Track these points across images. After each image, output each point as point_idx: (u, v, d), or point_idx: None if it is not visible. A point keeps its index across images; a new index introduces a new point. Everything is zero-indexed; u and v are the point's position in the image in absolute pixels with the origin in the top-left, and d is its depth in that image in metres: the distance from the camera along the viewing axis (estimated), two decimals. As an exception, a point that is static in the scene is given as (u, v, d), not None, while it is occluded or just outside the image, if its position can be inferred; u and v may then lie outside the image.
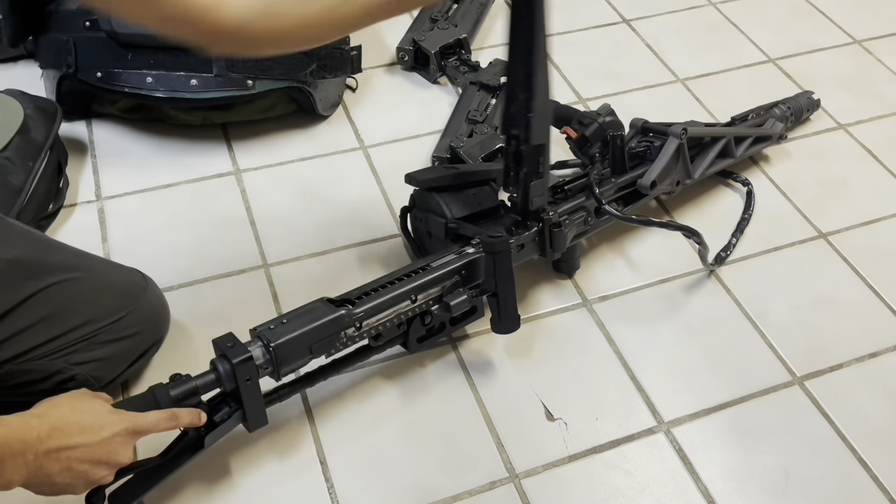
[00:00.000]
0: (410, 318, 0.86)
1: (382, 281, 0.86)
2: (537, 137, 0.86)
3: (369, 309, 0.82)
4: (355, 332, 0.82)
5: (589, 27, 1.48)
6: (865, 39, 1.48)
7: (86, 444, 0.64)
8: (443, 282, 0.88)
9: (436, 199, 0.96)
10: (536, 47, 0.82)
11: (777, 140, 1.20)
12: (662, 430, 0.90)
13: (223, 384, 0.75)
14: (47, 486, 0.64)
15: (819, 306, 1.03)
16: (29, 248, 0.79)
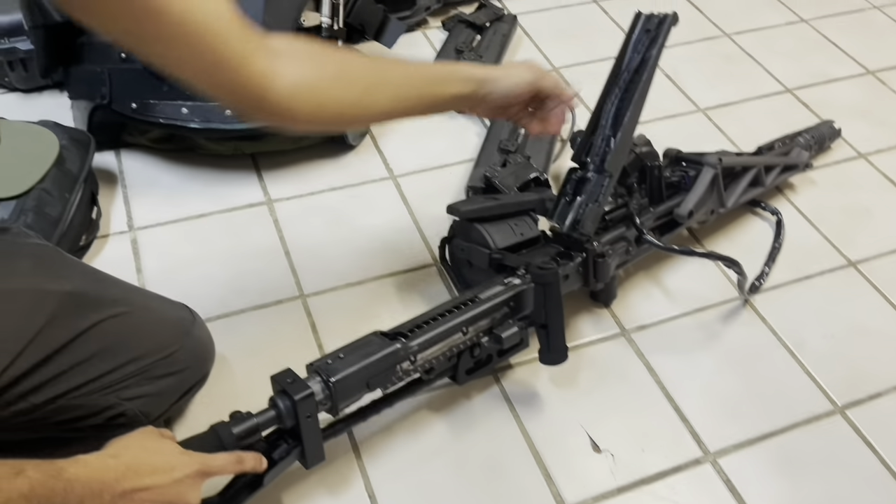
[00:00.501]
0: (461, 350, 0.86)
1: (432, 314, 0.86)
2: (612, 167, 0.88)
3: (423, 342, 0.82)
4: (410, 366, 0.82)
5: (608, 58, 1.48)
6: (878, 70, 1.50)
7: (158, 486, 0.64)
8: (492, 314, 0.88)
9: (478, 229, 0.96)
10: (640, 94, 0.90)
11: (803, 168, 1.22)
12: (709, 461, 0.89)
13: (283, 421, 0.74)
14: None
15: (854, 335, 1.03)
16: (85, 282, 0.78)
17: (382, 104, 0.80)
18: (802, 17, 1.64)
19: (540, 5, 1.60)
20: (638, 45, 0.94)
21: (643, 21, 0.94)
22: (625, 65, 0.94)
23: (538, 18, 1.56)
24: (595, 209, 0.93)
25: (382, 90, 0.80)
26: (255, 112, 0.71)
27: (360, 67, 0.79)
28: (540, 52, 1.49)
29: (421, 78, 0.85)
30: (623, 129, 0.92)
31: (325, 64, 0.76)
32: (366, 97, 0.78)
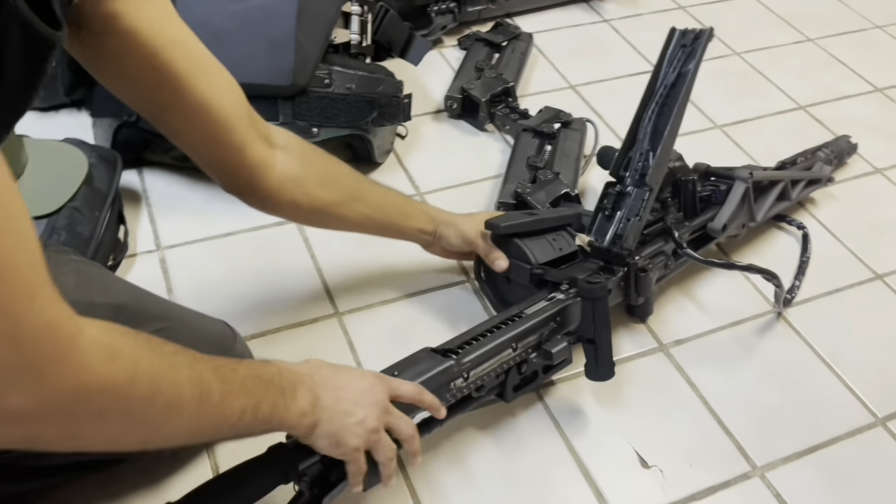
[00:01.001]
0: (509, 367, 0.85)
1: (479, 330, 0.85)
2: (652, 181, 0.88)
3: (475, 358, 0.81)
4: (463, 384, 0.81)
5: (623, 75, 1.51)
6: (886, 87, 1.53)
7: (346, 379, 0.68)
8: (540, 329, 0.87)
9: (518, 245, 0.96)
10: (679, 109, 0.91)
11: (825, 183, 1.23)
12: (758, 475, 0.89)
13: None
14: (327, 421, 0.65)
15: (887, 347, 1.04)
16: (131, 296, 0.77)
17: (354, 216, 0.89)
18: (808, 37, 1.67)
19: (552, 24, 1.62)
20: (673, 60, 0.95)
21: (678, 37, 0.95)
22: (661, 80, 0.95)
23: (551, 37, 1.58)
24: (637, 224, 0.93)
25: (358, 204, 0.89)
26: (243, 191, 0.79)
27: (344, 178, 0.89)
28: (556, 70, 1.50)
29: (393, 206, 0.94)
30: (663, 144, 0.92)
31: (316, 165, 0.85)
32: (342, 206, 0.87)
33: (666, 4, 1.73)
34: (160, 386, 0.50)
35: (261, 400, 0.59)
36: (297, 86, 1.07)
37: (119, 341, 0.49)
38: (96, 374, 0.46)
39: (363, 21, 1.14)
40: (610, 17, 1.67)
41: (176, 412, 0.51)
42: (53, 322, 0.44)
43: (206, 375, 0.54)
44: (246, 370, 0.59)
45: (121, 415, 0.48)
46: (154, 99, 0.71)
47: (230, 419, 0.56)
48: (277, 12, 1.04)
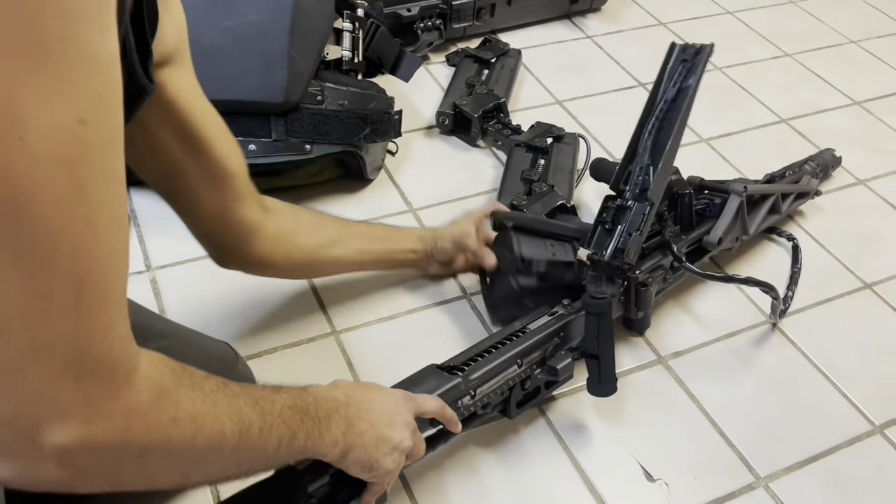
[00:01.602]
0: (514, 384, 0.85)
1: (484, 346, 0.85)
2: (654, 196, 0.88)
3: (482, 375, 0.81)
4: (470, 401, 0.80)
5: (608, 91, 1.53)
6: (864, 101, 1.57)
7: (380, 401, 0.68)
8: (545, 345, 0.87)
9: (509, 235, 0.96)
10: (680, 123, 0.91)
11: (813, 196, 1.25)
12: (762, 486, 0.89)
13: None
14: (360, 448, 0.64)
15: (881, 355, 1.05)
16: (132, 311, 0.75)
17: (349, 254, 0.94)
18: (786, 52, 1.70)
19: (536, 41, 1.63)
20: (674, 75, 0.94)
21: (678, 52, 0.95)
22: (661, 95, 0.94)
23: (536, 53, 1.59)
24: (638, 238, 0.92)
25: (350, 242, 0.94)
26: (242, 257, 0.83)
27: (330, 222, 0.94)
28: (542, 86, 1.51)
29: (382, 235, 1.00)
30: (665, 159, 0.92)
31: (301, 221, 0.89)
32: (335, 247, 0.92)
33: (647, 21, 1.76)
34: (202, 425, 0.49)
35: (297, 431, 0.58)
36: (290, 102, 1.06)
37: (167, 380, 0.47)
38: (143, 414, 0.44)
39: (354, 37, 1.14)
40: (592, 33, 1.69)
41: (216, 449, 0.51)
42: (119, 358, 0.43)
43: (245, 410, 0.53)
44: (284, 401, 0.58)
45: (162, 454, 0.47)
46: (178, 168, 0.72)
47: (267, 451, 0.55)
48: (270, 29, 1.04)
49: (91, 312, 0.41)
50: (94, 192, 0.40)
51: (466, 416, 0.81)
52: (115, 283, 0.43)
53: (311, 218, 0.92)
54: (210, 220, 0.77)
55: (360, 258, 0.96)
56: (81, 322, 0.40)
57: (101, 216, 0.40)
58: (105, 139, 0.41)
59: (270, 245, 0.83)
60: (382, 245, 0.98)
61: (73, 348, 0.40)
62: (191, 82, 0.69)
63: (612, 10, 1.76)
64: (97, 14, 0.39)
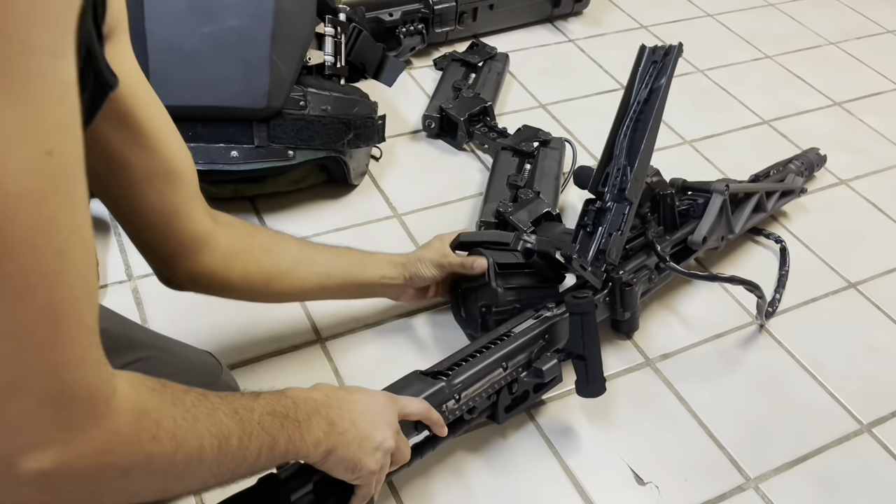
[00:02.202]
0: (500, 388, 0.84)
1: (468, 350, 0.84)
2: (632, 195, 0.88)
3: (466, 379, 0.80)
4: (455, 406, 0.79)
5: (592, 94, 1.53)
6: (844, 101, 1.58)
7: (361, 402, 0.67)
8: (530, 347, 0.86)
9: (478, 250, 0.96)
10: (654, 123, 0.90)
11: (798, 194, 1.25)
12: (752, 487, 0.89)
13: None
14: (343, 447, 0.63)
15: (866, 354, 1.06)
16: (114, 323, 0.74)
17: (311, 277, 0.86)
18: (767, 54, 1.71)
19: (519, 45, 1.63)
20: (645, 76, 0.95)
21: (648, 54, 0.95)
22: (634, 96, 0.94)
23: (519, 57, 1.58)
24: (620, 238, 0.92)
25: (311, 265, 0.86)
26: (183, 260, 0.74)
27: (290, 243, 0.86)
28: (525, 90, 1.51)
29: (348, 259, 0.91)
30: (640, 158, 0.92)
31: (260, 237, 0.83)
32: (296, 269, 0.84)
33: (628, 24, 1.76)
34: (182, 441, 0.48)
35: (277, 437, 0.57)
36: (272, 108, 1.05)
37: (146, 399, 0.47)
38: (124, 437, 0.44)
39: (337, 42, 1.13)
40: (575, 36, 1.69)
41: (195, 464, 0.50)
42: (95, 385, 0.42)
43: (225, 422, 0.53)
44: (263, 408, 0.57)
45: (142, 472, 0.46)
46: (120, 164, 0.65)
47: (248, 460, 0.55)
48: (251, 34, 1.02)
49: (67, 343, 0.40)
50: (65, 222, 0.39)
51: (452, 420, 0.80)
52: (88, 310, 0.42)
53: (270, 236, 0.85)
54: (154, 226, 0.70)
55: (325, 283, 0.87)
56: (58, 354, 0.40)
57: (72, 246, 0.40)
58: (71, 167, 0.40)
59: (222, 261, 0.76)
60: (350, 270, 0.89)
61: (51, 380, 0.40)
62: (131, 63, 0.62)
63: (594, 14, 1.76)
64: (61, 45, 0.39)
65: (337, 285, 0.88)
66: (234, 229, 0.78)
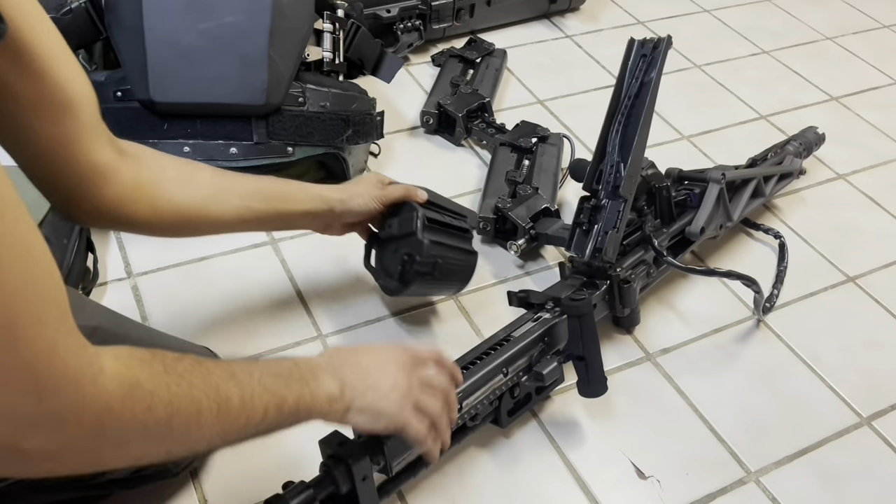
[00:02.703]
0: (502, 393, 0.84)
1: (469, 358, 0.84)
2: (626, 192, 0.88)
3: (467, 388, 0.80)
4: (456, 415, 0.79)
5: (589, 89, 1.53)
6: (841, 96, 1.58)
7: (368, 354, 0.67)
8: (530, 351, 0.86)
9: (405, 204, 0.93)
10: (645, 118, 0.90)
11: (797, 176, 1.26)
12: (753, 480, 0.89)
13: (339, 486, 0.70)
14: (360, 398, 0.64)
15: (865, 347, 1.06)
16: (109, 320, 0.73)
17: (229, 211, 0.80)
18: (763, 49, 1.71)
19: (516, 41, 1.63)
20: (635, 70, 0.94)
21: (637, 47, 0.95)
22: (624, 91, 0.94)
23: (516, 54, 1.58)
24: (615, 236, 0.92)
25: (229, 197, 0.80)
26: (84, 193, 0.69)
27: (205, 174, 0.80)
28: (523, 86, 1.51)
29: (272, 192, 0.85)
30: (633, 154, 0.92)
31: (168, 169, 0.77)
32: (211, 203, 0.79)
33: (625, 20, 1.76)
34: (177, 408, 0.50)
35: (284, 396, 0.58)
36: (271, 104, 1.04)
37: (136, 372, 0.48)
38: (115, 412, 0.45)
39: (335, 38, 1.13)
40: (572, 32, 1.69)
41: (195, 427, 0.52)
42: (76, 370, 0.44)
43: (222, 385, 0.54)
44: (262, 370, 0.58)
45: (140, 440, 0.48)
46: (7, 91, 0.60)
47: (253, 420, 0.56)
48: (249, 30, 1.02)
49: (29, 341, 0.41)
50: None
51: (455, 429, 0.80)
52: (45, 305, 0.43)
53: (182, 167, 0.79)
54: (48, 157, 0.65)
55: (245, 216, 0.82)
56: (22, 352, 0.41)
57: (4, 250, 0.40)
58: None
59: (128, 194, 0.71)
60: (272, 202, 0.84)
61: (23, 376, 0.41)
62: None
63: (591, 10, 1.76)
64: None
65: (258, 218, 0.83)
66: (142, 161, 0.74)
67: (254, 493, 0.82)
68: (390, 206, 0.93)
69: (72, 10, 1.03)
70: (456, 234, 0.95)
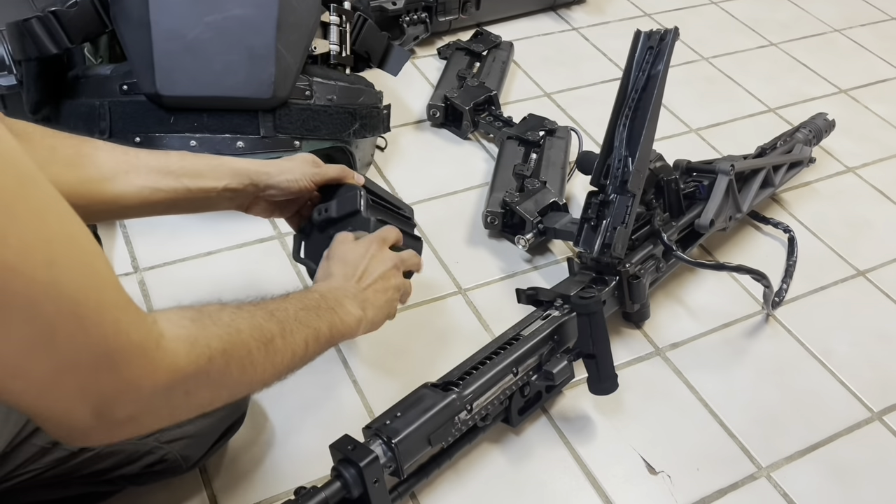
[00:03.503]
0: (512, 392, 0.84)
1: (478, 358, 0.84)
2: (634, 187, 0.87)
3: (477, 389, 0.80)
4: (467, 416, 0.79)
5: (596, 82, 1.52)
6: (850, 89, 1.57)
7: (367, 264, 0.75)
8: (539, 349, 0.86)
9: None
10: (653, 111, 0.89)
11: (807, 164, 1.25)
12: (764, 476, 0.89)
13: (350, 490, 0.70)
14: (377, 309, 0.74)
15: (876, 342, 1.05)
16: None
17: (131, 190, 0.72)
18: (771, 41, 1.70)
19: (522, 34, 1.62)
20: (642, 63, 0.93)
21: (644, 39, 0.93)
22: (631, 84, 0.92)
23: (522, 46, 1.57)
24: (624, 231, 0.91)
25: (131, 177, 0.72)
26: None
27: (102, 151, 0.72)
28: (530, 79, 1.50)
29: (182, 169, 0.76)
30: (641, 148, 0.90)
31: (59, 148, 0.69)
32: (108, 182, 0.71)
33: (632, 12, 1.75)
34: (232, 353, 0.54)
35: (318, 327, 0.65)
36: (278, 98, 1.04)
37: (190, 329, 0.52)
38: (182, 369, 0.50)
39: (342, 31, 1.12)
40: (578, 25, 1.68)
41: (249, 368, 0.56)
42: (141, 340, 0.47)
43: (265, 325, 0.59)
44: (295, 305, 0.64)
45: (206, 388, 0.53)
46: None
47: (297, 353, 0.62)
48: (256, 23, 1.01)
49: (95, 325, 0.44)
50: (39, 234, 0.41)
51: (466, 430, 0.80)
52: (103, 289, 0.45)
53: (77, 146, 0.71)
54: None
55: (151, 197, 0.74)
56: (93, 336, 0.44)
57: (58, 249, 0.42)
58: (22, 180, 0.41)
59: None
60: (183, 182, 0.75)
61: (99, 356, 0.45)
62: None
63: (598, 2, 1.75)
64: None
65: (167, 200, 0.75)
66: (31, 140, 0.67)
67: (262, 492, 0.82)
68: (324, 188, 0.84)
69: (77, 2, 1.02)
70: (400, 218, 0.89)
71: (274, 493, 0.82)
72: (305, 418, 0.89)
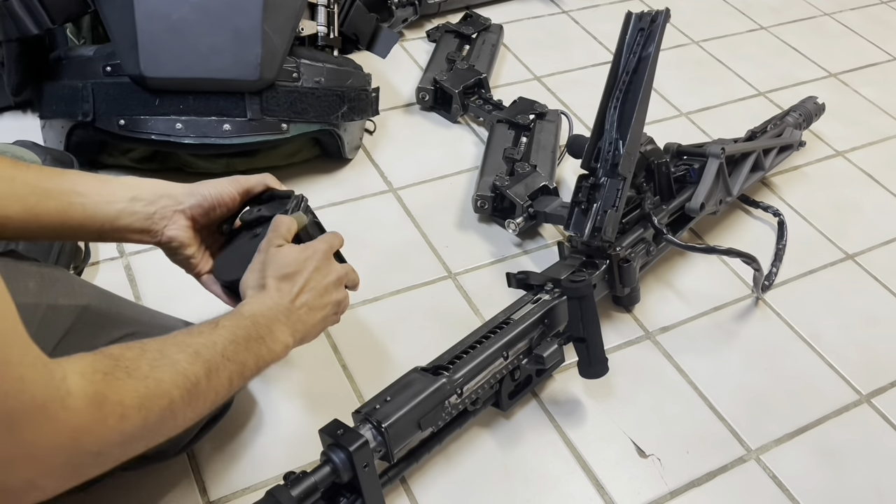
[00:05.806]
0: (503, 376, 0.83)
1: (469, 342, 0.83)
2: (624, 170, 0.86)
3: (467, 373, 0.79)
4: (457, 400, 0.78)
5: (587, 66, 1.51)
6: (839, 73, 1.57)
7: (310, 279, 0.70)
8: (530, 333, 0.85)
9: None
10: (644, 94, 0.88)
11: (797, 147, 1.25)
12: (753, 458, 0.89)
13: (340, 475, 0.69)
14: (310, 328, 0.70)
15: (865, 325, 1.06)
16: (99, 299, 0.72)
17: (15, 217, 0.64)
18: (761, 25, 1.70)
19: (512, 16, 1.60)
20: (633, 45, 0.92)
21: (634, 21, 0.92)
22: (622, 67, 0.92)
23: (512, 29, 1.56)
24: (614, 215, 0.91)
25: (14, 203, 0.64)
26: None
27: None
28: (520, 62, 1.49)
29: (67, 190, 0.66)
30: (632, 131, 0.90)
31: None
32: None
33: (622, -5, 1.74)
34: (150, 407, 0.51)
35: (245, 361, 0.61)
36: (265, 80, 1.02)
37: (100, 385, 0.48)
38: (90, 428, 0.47)
39: (330, 12, 1.11)
40: (568, 8, 1.67)
41: (169, 418, 0.53)
42: (44, 397, 0.44)
43: (189, 369, 0.55)
44: (225, 338, 0.60)
45: (118, 446, 0.50)
46: None
47: (221, 392, 0.59)
48: (242, 3, 1.00)
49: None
50: None
51: (456, 414, 0.79)
52: (6, 344, 0.43)
53: None
54: None
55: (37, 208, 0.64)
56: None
57: None
58: None
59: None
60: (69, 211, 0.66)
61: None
62: None
63: (588, -15, 1.74)
64: None
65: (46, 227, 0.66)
66: None
67: (250, 477, 0.82)
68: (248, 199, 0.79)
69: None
70: None
71: (263, 479, 0.81)
72: (294, 403, 0.89)
